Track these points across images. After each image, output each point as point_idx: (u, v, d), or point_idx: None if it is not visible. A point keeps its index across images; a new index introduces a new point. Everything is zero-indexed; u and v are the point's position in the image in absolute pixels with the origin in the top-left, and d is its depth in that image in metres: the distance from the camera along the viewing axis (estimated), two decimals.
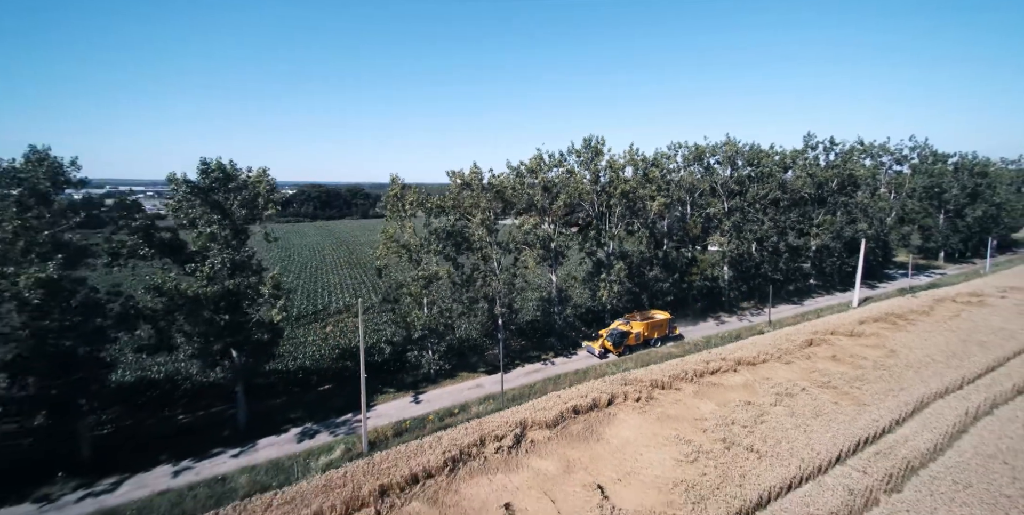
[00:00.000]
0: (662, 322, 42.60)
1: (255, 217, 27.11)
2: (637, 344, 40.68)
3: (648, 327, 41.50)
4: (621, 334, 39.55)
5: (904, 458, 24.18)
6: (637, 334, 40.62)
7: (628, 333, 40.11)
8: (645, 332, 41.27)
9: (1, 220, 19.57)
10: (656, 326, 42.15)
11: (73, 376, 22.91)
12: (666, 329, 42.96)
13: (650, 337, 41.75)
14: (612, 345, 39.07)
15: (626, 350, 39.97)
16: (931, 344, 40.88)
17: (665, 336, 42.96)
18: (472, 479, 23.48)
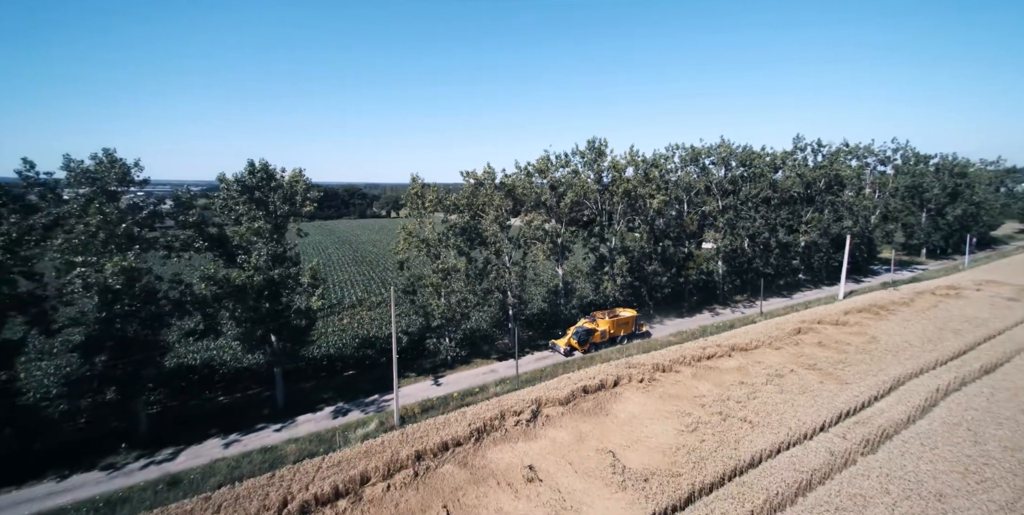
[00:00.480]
0: (628, 320, 43.10)
1: (294, 213, 29.60)
2: (603, 342, 41.15)
3: (614, 325, 41.94)
4: (586, 332, 40.18)
5: (880, 426, 27.20)
6: (603, 332, 41.04)
7: (593, 331, 40.63)
8: (611, 330, 41.71)
9: (85, 215, 21.97)
10: (622, 324, 42.64)
11: (134, 357, 25.37)
12: (632, 327, 43.42)
13: (616, 335, 42.26)
14: (577, 343, 39.69)
15: (592, 348, 40.53)
16: (909, 331, 44.15)
17: (631, 333, 43.41)
18: (496, 447, 26.17)
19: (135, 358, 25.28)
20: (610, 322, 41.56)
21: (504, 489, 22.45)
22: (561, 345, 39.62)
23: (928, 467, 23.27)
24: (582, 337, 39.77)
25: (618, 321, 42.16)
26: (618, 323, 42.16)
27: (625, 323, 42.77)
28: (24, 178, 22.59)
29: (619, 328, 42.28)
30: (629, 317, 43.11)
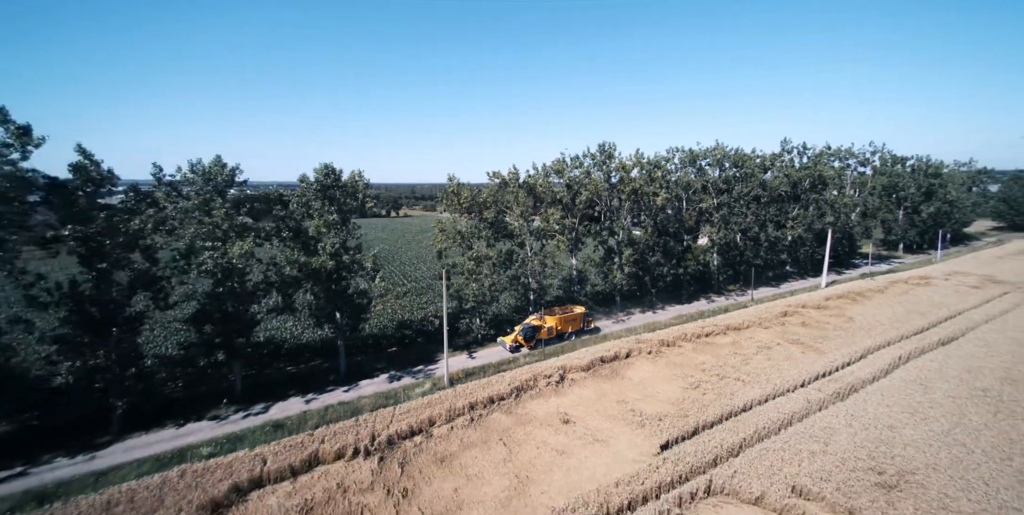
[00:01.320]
0: (577, 316, 44.02)
1: (356, 209, 34.77)
2: (551, 338, 41.98)
3: (562, 321, 42.71)
4: (533, 328, 41.05)
5: (849, 383, 32.90)
6: (550, 328, 41.87)
7: (540, 328, 41.45)
8: (559, 326, 42.50)
9: (211, 209, 26.98)
10: (570, 320, 43.44)
11: (233, 328, 30.44)
12: (580, 323, 44.32)
13: (564, 331, 42.96)
14: (524, 339, 40.46)
15: (538, 343, 41.33)
16: (881, 313, 50.12)
17: (580, 330, 44.30)
18: (533, 401, 31.51)
19: (234, 328, 30.36)
20: (557, 319, 42.49)
21: (545, 428, 27.81)
22: (508, 341, 40.33)
23: (885, 409, 28.99)
24: (528, 334, 40.61)
25: (566, 317, 43.14)
26: (566, 319, 43.12)
27: (573, 320, 43.75)
28: (156, 178, 27.57)
29: (567, 324, 43.18)
30: (578, 314, 44.27)
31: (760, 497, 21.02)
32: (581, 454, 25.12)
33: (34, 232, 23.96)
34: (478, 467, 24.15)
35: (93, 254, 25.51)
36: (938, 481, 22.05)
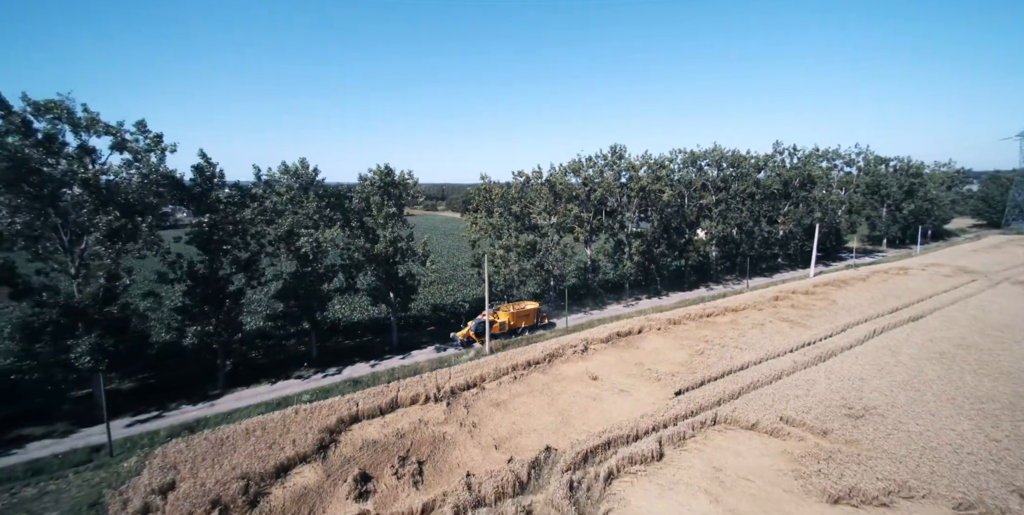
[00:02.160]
0: (530, 312, 44.64)
1: (408, 203, 40.41)
2: (503, 333, 42.45)
3: (515, 316, 43.16)
4: (484, 323, 41.28)
5: (829, 349, 38.93)
6: (502, 323, 42.34)
7: (492, 323, 41.84)
8: (511, 321, 42.91)
9: (302, 202, 32.55)
10: (523, 316, 44.05)
11: (311, 303, 36.03)
12: (534, 319, 44.96)
13: (517, 326, 43.54)
14: (475, 334, 40.96)
15: (490, 339, 41.48)
16: (861, 297, 56.33)
17: (533, 325, 44.91)
18: (563, 364, 37.26)
19: (312, 304, 35.97)
20: (510, 314, 42.96)
21: (577, 383, 33.59)
22: (460, 336, 40.82)
23: (857, 367, 35.02)
24: (479, 329, 40.93)
25: (519, 313, 43.75)
26: (519, 315, 43.72)
27: (527, 315, 44.41)
28: (256, 176, 33.04)
29: (520, 320, 43.80)
30: (531, 309, 44.84)
31: (755, 424, 26.89)
32: (610, 400, 30.93)
33: (169, 222, 29.46)
34: (527, 409, 29.88)
35: (209, 240, 31.08)
36: (894, 413, 28.03)
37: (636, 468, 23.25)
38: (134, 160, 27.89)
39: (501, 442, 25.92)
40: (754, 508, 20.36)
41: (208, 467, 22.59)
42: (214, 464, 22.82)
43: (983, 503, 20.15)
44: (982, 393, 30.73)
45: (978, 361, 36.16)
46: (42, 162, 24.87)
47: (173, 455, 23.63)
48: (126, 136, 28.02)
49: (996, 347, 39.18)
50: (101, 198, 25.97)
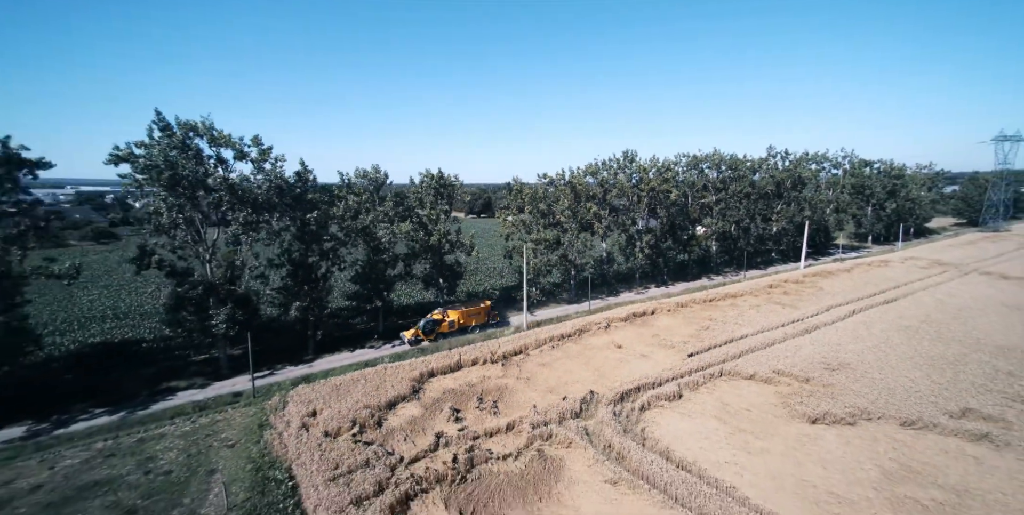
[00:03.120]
0: (481, 310, 45.42)
1: (455, 202, 47.34)
2: (452, 331, 43.24)
3: (464, 315, 44.02)
4: (433, 322, 42.21)
5: (814, 324, 46.12)
6: (451, 322, 43.10)
7: (440, 322, 42.61)
8: (461, 320, 43.76)
9: (375, 201, 39.41)
10: (474, 314, 44.90)
11: (381, 286, 42.87)
12: (485, 317, 45.85)
13: (467, 324, 44.39)
14: (423, 333, 41.46)
15: (439, 337, 42.50)
16: (845, 285, 63.69)
17: (485, 323, 45.81)
18: (591, 337, 44.21)
19: (381, 286, 42.82)
20: (460, 313, 43.79)
21: (605, 350, 40.58)
22: (407, 336, 41.40)
23: (836, 337, 42.23)
24: (427, 328, 41.70)
25: (470, 311, 44.61)
26: (469, 314, 44.61)
27: (477, 313, 45.26)
28: (341, 179, 39.82)
29: (470, 318, 44.69)
30: (482, 308, 45.69)
31: (752, 375, 34.00)
32: (634, 361, 37.95)
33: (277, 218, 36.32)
34: (568, 368, 36.84)
35: (303, 232, 37.91)
36: (863, 367, 35.20)
37: (662, 403, 30.30)
38: (255, 168, 34.71)
39: (553, 389, 32.88)
40: (752, 426, 27.44)
41: (336, 402, 29.43)
42: (340, 400, 29.66)
43: (921, 420, 27.29)
44: (934, 354, 38.00)
45: (936, 332, 43.48)
46: (192, 170, 31.65)
47: (304, 395, 30.45)
48: (244, 148, 34.85)
49: (953, 322, 46.53)
50: (237, 197, 32.77)
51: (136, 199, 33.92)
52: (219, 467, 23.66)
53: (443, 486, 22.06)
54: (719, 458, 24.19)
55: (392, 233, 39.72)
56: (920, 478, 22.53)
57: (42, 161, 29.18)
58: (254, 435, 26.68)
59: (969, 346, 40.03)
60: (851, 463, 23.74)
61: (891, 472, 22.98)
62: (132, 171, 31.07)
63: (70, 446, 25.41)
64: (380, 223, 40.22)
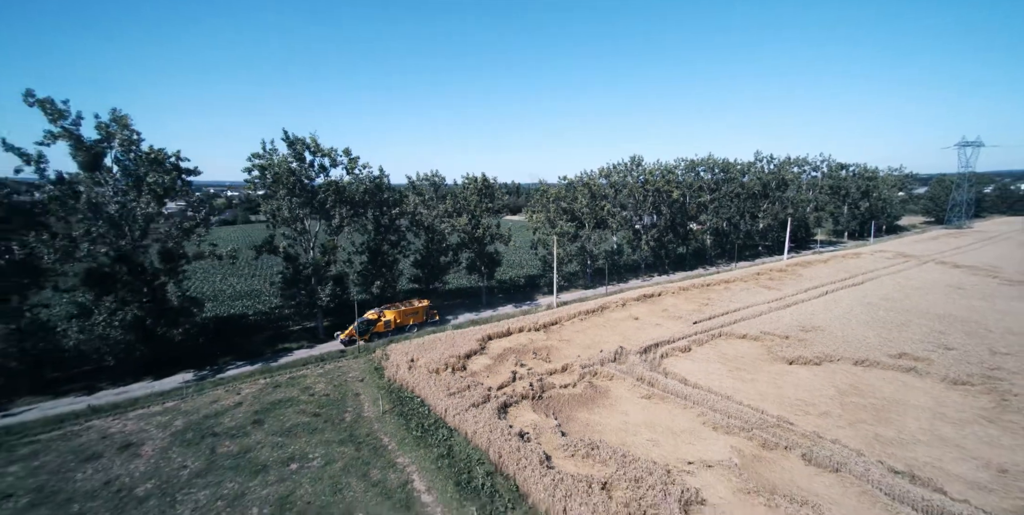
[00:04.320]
0: (418, 310, 46.16)
1: (497, 202, 56.24)
2: (388, 331, 43.59)
3: (402, 315, 44.49)
4: (368, 323, 42.58)
5: (793, 301, 55.79)
6: (387, 322, 43.39)
7: (376, 322, 42.92)
8: (398, 319, 44.12)
9: (444, 195, 48.04)
10: (411, 314, 45.45)
11: (436, 270, 51.50)
12: (423, 316, 46.68)
13: (404, 324, 44.90)
14: (358, 333, 41.73)
15: (374, 337, 42.79)
16: (821, 273, 73.76)
17: (423, 322, 46.62)
18: (611, 312, 53.33)
19: (437, 271, 51.50)
20: (396, 312, 44.25)
21: (624, 321, 49.69)
22: (342, 336, 41.70)
23: (810, 309, 51.89)
24: (362, 328, 42.01)
25: (407, 311, 45.23)
26: (407, 313, 45.19)
27: (415, 313, 45.95)
28: (409, 181, 48.47)
29: (408, 318, 45.26)
30: (420, 307, 46.51)
31: (744, 335, 43.36)
32: (650, 328, 47.09)
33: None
34: (597, 333, 45.84)
35: (379, 225, 46.48)
36: (829, 328, 44.72)
37: (676, 353, 39.50)
38: (347, 173, 43.31)
39: (589, 346, 41.86)
40: (744, 366, 36.70)
41: (426, 354, 38.08)
42: (427, 353, 38.31)
43: (868, 360, 36.80)
44: (886, 319, 47.79)
45: (890, 305, 53.40)
46: (309, 177, 40.15)
47: (399, 350, 39.04)
48: (337, 158, 43.39)
49: (905, 299, 56.55)
50: (341, 198, 41.31)
51: (260, 199, 42.09)
52: (360, 392, 32.26)
53: (527, 400, 30.92)
54: (721, 385, 33.34)
55: (452, 226, 48.50)
56: (863, 393, 31.93)
57: (196, 169, 37.39)
58: (374, 374, 35.29)
59: (913, 315, 49.92)
60: (816, 385, 33.10)
61: (843, 389, 32.37)
62: (262, 176, 39.48)
63: (239, 383, 33.77)
64: (441, 218, 49.00)
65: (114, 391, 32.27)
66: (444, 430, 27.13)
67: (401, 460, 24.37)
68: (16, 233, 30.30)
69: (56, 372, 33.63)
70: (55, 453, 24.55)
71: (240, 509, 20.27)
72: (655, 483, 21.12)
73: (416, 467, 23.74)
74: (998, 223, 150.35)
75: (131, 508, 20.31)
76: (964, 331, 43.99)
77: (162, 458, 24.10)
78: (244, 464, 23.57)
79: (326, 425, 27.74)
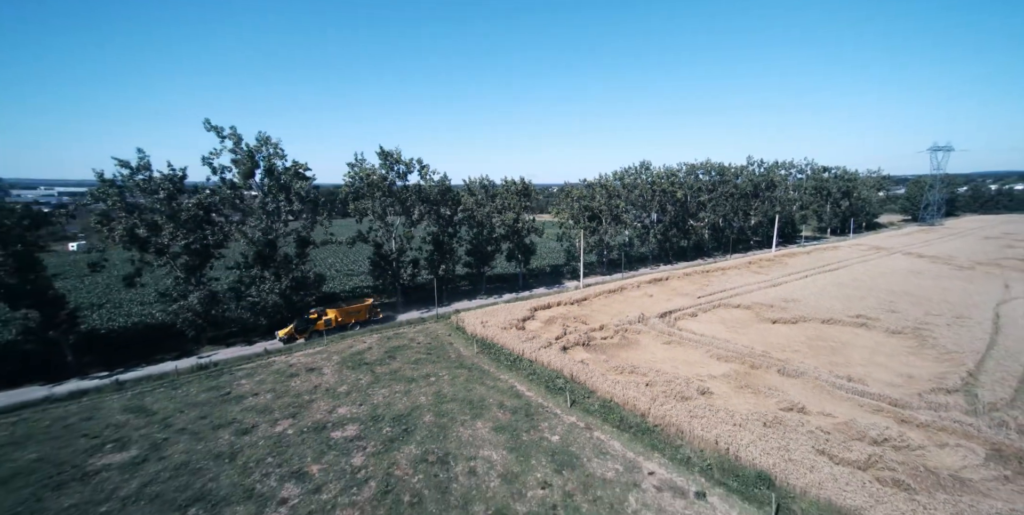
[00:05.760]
0: (360, 308, 47.11)
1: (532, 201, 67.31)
2: (330, 328, 44.62)
3: (343, 313, 45.43)
4: (307, 321, 43.52)
5: (778, 282, 67.25)
6: (328, 320, 44.41)
7: (316, 320, 43.86)
8: (339, 318, 45.07)
9: (495, 194, 58.95)
10: (354, 312, 46.42)
11: (484, 258, 62.45)
12: (366, 314, 47.63)
13: (346, 322, 45.79)
14: (297, 331, 42.61)
15: (313, 335, 43.78)
16: (803, 261, 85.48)
17: (366, 320, 47.44)
18: (629, 292, 64.47)
19: (485, 258, 62.47)
20: (337, 311, 45.38)
21: (641, 298, 60.87)
22: (281, 334, 42.48)
23: (791, 287, 63.36)
24: (300, 326, 42.96)
25: (349, 310, 46.30)
26: (349, 312, 46.21)
27: (357, 311, 46.96)
28: (466, 185, 59.41)
29: (350, 316, 46.24)
30: (363, 306, 47.65)
31: (738, 305, 54.70)
32: (663, 302, 58.25)
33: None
34: (620, 306, 56.89)
35: (443, 219, 57.36)
36: (806, 300, 56.11)
37: (686, 318, 50.68)
38: (420, 178, 54.26)
39: (616, 315, 52.89)
40: (738, 325, 47.92)
41: (491, 318, 48.83)
42: (491, 318, 49.06)
43: (832, 319, 48.17)
44: (851, 294, 59.30)
45: (856, 285, 65.01)
46: (392, 181, 51.01)
47: (468, 316, 49.82)
48: (412, 166, 54.28)
49: (870, 280, 68.19)
50: (420, 197, 52.19)
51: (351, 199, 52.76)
52: (452, 342, 43.16)
53: (579, 346, 41.95)
54: (721, 335, 44.52)
55: (502, 222, 59.55)
56: (825, 339, 43.22)
57: (314, 176, 48.04)
58: (457, 332, 46.21)
59: (874, 291, 61.48)
60: (791, 335, 44.37)
61: (811, 337, 43.67)
62: (360, 181, 50.31)
63: (359, 335, 44.49)
64: (490, 214, 60.01)
65: (270, 342, 42.95)
66: (525, 361, 38.07)
67: (502, 376, 35.31)
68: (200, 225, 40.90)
69: (214, 331, 44.19)
70: (266, 374, 35.26)
71: (411, 398, 31.10)
72: (681, 383, 32.23)
73: (514, 380, 34.66)
74: (968, 221, 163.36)
75: (342, 398, 31.09)
76: (910, 301, 55.58)
77: (340, 375, 34.91)
78: (398, 378, 34.41)
79: (439, 359, 38.62)
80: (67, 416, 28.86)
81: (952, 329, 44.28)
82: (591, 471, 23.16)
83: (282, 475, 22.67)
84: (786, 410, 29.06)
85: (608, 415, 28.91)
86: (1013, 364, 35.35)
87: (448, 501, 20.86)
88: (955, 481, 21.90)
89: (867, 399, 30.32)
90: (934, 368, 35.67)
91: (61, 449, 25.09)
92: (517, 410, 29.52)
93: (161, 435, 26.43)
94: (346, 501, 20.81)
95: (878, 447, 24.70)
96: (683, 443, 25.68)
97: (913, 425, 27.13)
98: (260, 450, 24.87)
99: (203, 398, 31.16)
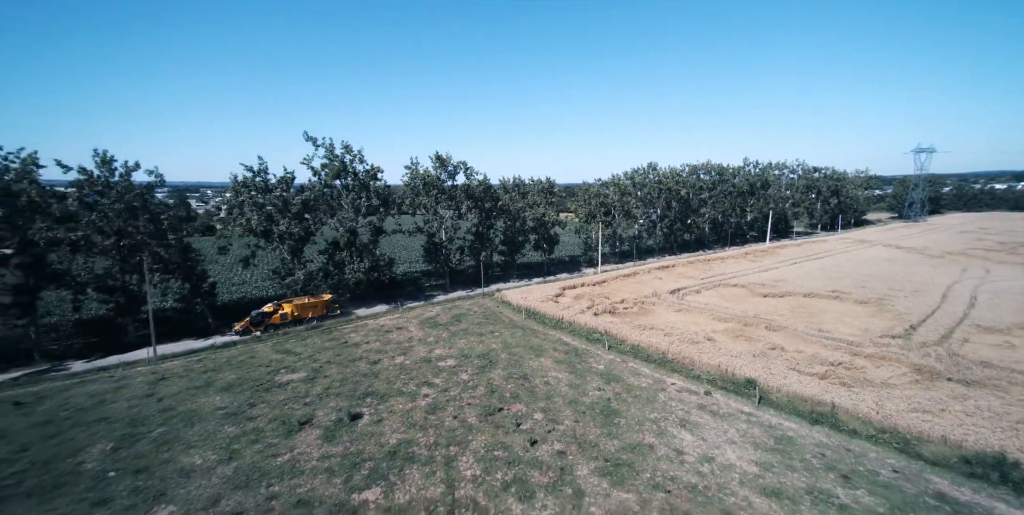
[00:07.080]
0: (318, 303, 47.84)
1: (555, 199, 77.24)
2: (285, 322, 44.80)
3: (300, 307, 45.87)
4: (262, 315, 43.99)
5: (771, 268, 77.23)
6: (284, 314, 44.73)
7: (271, 314, 44.17)
8: (296, 312, 45.46)
9: (527, 193, 68.77)
10: (311, 307, 46.93)
11: (515, 247, 72.33)
12: (324, 310, 48.20)
13: (304, 317, 46.14)
14: (252, 324, 43.02)
15: (270, 328, 43.87)
16: (794, 252, 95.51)
17: (324, 315, 48.03)
18: (642, 276, 74.35)
19: (516, 247, 72.35)
20: (294, 305, 45.65)
21: (653, 281, 70.73)
22: (237, 327, 42.86)
23: (781, 272, 73.38)
24: (255, 320, 43.52)
25: (306, 304, 46.84)
26: (306, 306, 46.68)
27: (315, 306, 47.56)
28: (502, 184, 69.23)
29: (307, 311, 46.71)
30: (321, 301, 48.35)
31: (736, 284, 64.62)
32: (671, 283, 68.13)
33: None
34: (634, 286, 66.77)
35: (482, 212, 67.20)
36: (792, 280, 66.07)
37: (691, 294, 60.62)
38: (465, 178, 64.18)
39: (632, 292, 62.77)
40: (735, 298, 57.83)
41: (530, 294, 58.64)
42: (531, 294, 58.90)
43: (813, 293, 58.16)
44: (831, 276, 69.30)
45: (837, 270, 75.03)
46: (442, 180, 60.89)
47: (510, 293, 59.64)
48: (458, 167, 64.14)
49: (849, 267, 78.24)
50: (467, 195, 62.04)
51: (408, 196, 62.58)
52: (501, 311, 52.98)
53: (606, 313, 51.80)
54: (722, 305, 54.39)
55: (533, 216, 69.46)
56: (805, 307, 53.10)
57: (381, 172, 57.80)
58: (504, 304, 56.04)
59: (851, 275, 71.47)
60: (778, 306, 54.26)
61: (794, 307, 53.60)
62: (417, 182, 60.17)
63: (425, 307, 54.26)
64: (523, 209, 69.91)
65: (357, 311, 52.73)
66: (565, 323, 47.88)
67: (550, 333, 45.14)
68: (302, 216, 50.65)
69: None
70: (367, 331, 45.02)
71: (485, 345, 40.89)
72: (691, 334, 42.13)
73: (560, 335, 44.47)
74: (951, 218, 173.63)
75: (433, 345, 40.86)
76: (879, 281, 65.60)
77: (424, 331, 44.74)
78: (470, 333, 44.23)
79: (496, 322, 48.43)
80: (236, 355, 38.64)
81: (908, 300, 54.28)
82: (630, 383, 33.01)
83: (417, 383, 32.50)
84: (770, 349, 38.96)
85: (638, 353, 38.83)
86: (947, 320, 45.39)
87: (536, 396, 30.67)
88: (883, 385, 31.81)
89: (831, 341, 40.32)
90: (887, 324, 45.64)
91: (250, 372, 34.86)
92: (568, 352, 39.38)
93: (315, 365, 36.21)
94: (467, 396, 30.61)
95: (833, 367, 34.66)
96: (694, 368, 35.57)
97: (861, 356, 37.08)
98: (393, 372, 34.68)
99: (329, 345, 40.95)
